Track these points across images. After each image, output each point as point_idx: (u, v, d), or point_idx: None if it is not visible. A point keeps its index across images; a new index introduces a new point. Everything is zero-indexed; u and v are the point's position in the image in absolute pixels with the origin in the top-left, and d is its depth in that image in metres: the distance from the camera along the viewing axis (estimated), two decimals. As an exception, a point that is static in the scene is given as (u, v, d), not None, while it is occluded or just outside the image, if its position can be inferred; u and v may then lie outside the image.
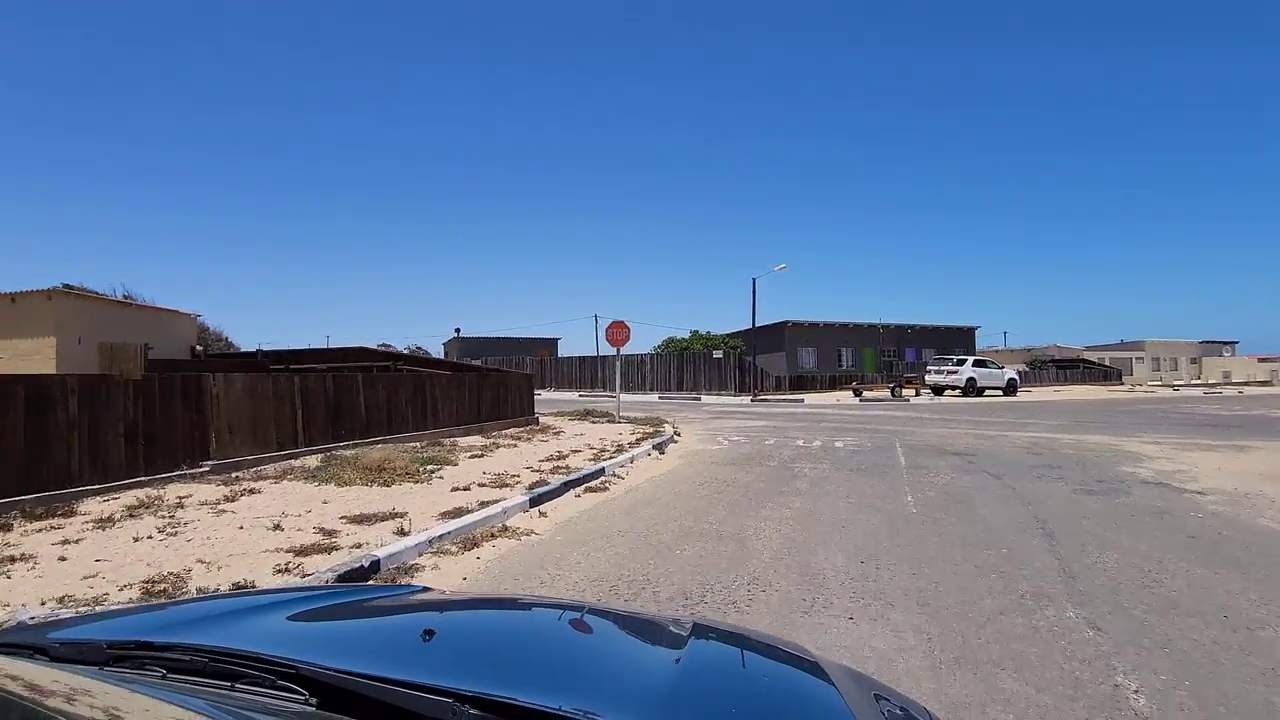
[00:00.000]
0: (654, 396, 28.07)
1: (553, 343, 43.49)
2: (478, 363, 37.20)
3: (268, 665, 0.90)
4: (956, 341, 43.31)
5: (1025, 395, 29.40)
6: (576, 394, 30.30)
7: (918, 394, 28.06)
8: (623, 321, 15.18)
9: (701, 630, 1.21)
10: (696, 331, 37.65)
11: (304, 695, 0.85)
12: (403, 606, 1.43)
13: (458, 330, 45.06)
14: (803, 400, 25.31)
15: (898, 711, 1.01)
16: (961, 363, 28.61)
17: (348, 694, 0.84)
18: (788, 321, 37.22)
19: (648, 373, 30.52)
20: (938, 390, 29.15)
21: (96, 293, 18.00)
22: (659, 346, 37.43)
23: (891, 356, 41.57)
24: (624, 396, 25.61)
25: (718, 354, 28.71)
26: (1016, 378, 30.38)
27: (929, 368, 29.40)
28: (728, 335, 39.00)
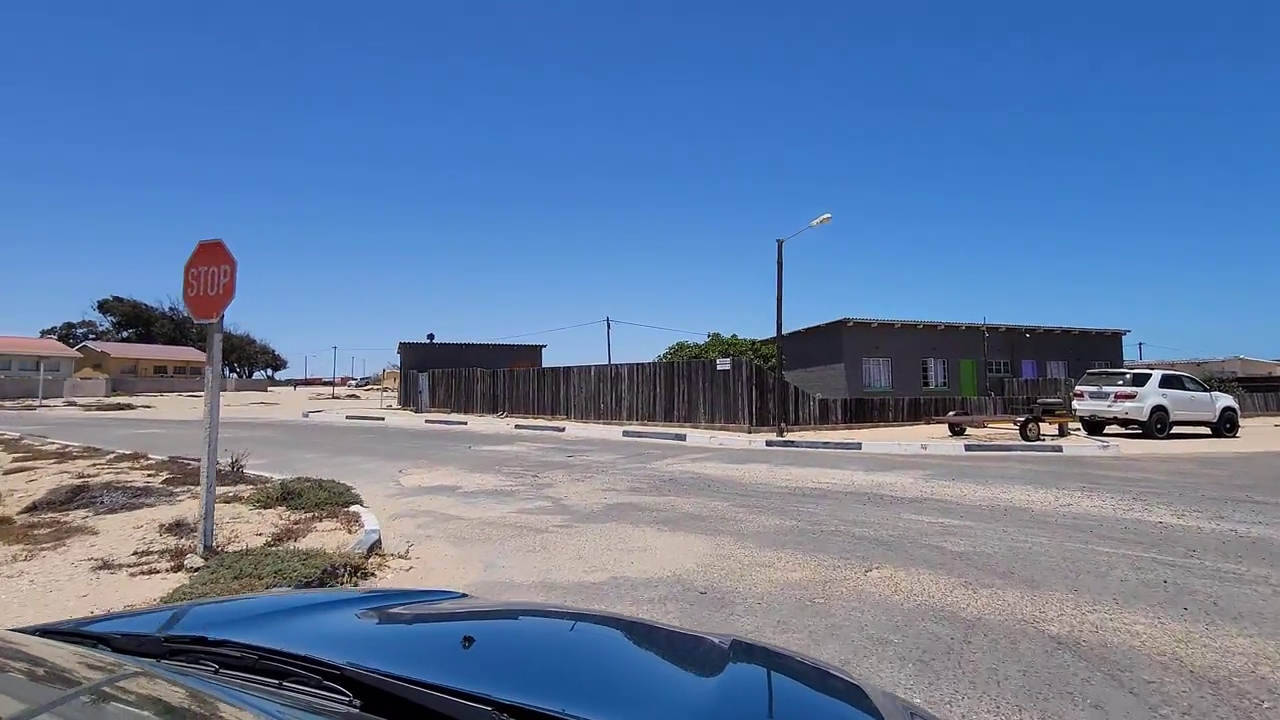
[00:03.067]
0: (617, 431, 17.69)
1: (536, 351, 34.02)
2: (419, 372, 27.87)
3: (315, 666, 0.94)
4: (1095, 352, 30.68)
5: (1255, 435, 17.29)
6: (511, 424, 20.35)
7: (1063, 433, 16.49)
8: (219, 244, 5.10)
9: (741, 649, 1.22)
10: (717, 335, 27.06)
11: (348, 696, 0.89)
12: (444, 613, 1.46)
13: (430, 336, 36.18)
14: (860, 446, 14.27)
15: None
16: (1140, 381, 16.81)
17: (390, 697, 0.87)
18: (847, 320, 26.04)
19: (625, 392, 20.26)
20: (1094, 427, 17.49)
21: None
22: (667, 353, 27.02)
23: (1001, 371, 29.45)
24: (574, 429, 18.44)
25: (723, 364, 18.08)
26: (1235, 407, 18.15)
27: (1080, 389, 17.72)
28: (762, 341, 28.09)
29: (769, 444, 14.75)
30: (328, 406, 34.42)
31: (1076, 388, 18.07)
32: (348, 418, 23.75)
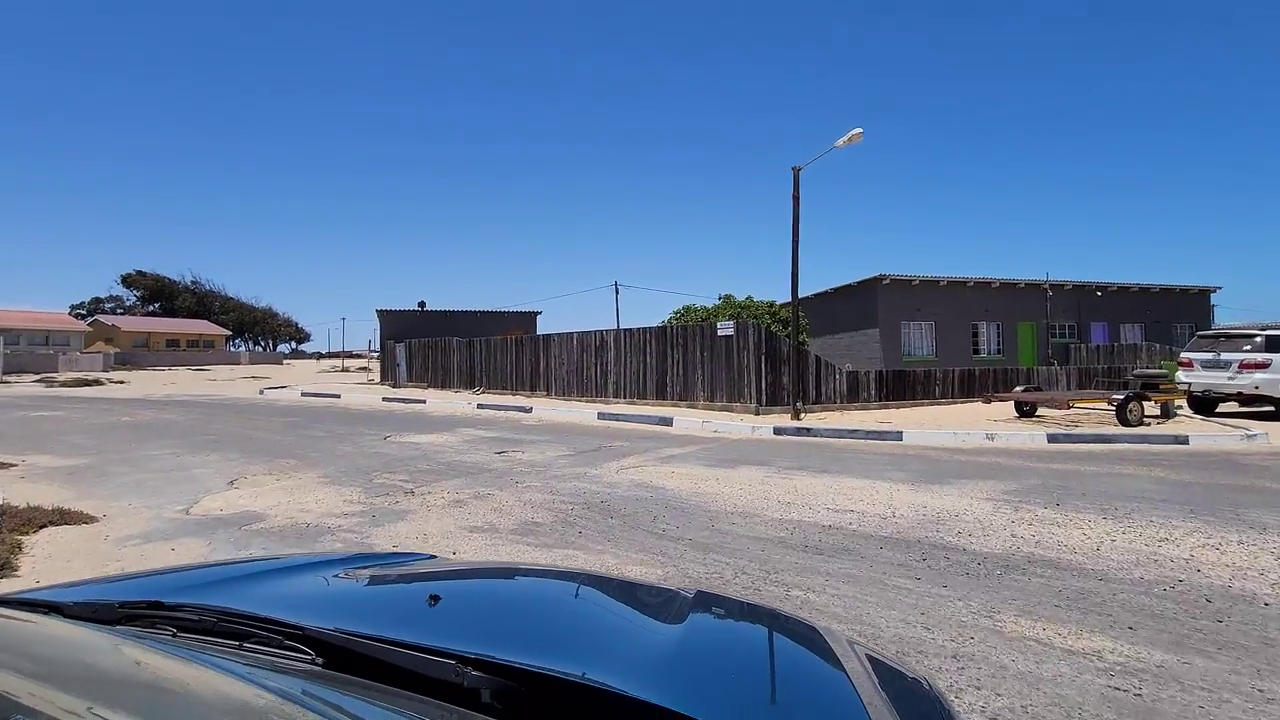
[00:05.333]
0: (593, 413, 14.32)
1: (530, 318, 30.73)
2: (397, 342, 24.94)
3: (276, 626, 0.93)
4: (1178, 312, 26.15)
5: None
6: (475, 404, 17.21)
7: (1166, 413, 12.51)
8: None
9: (703, 599, 1.23)
10: (729, 297, 23.35)
11: (310, 655, 0.87)
12: (410, 574, 1.43)
13: (422, 304, 33.21)
14: (900, 436, 10.64)
15: (893, 675, 1.01)
16: (1275, 346, 12.75)
17: (354, 655, 0.86)
18: (882, 277, 22.06)
19: (610, 365, 16.84)
20: (1203, 405, 13.56)
21: None
22: (672, 318, 23.50)
23: (1066, 336, 25.21)
24: (543, 410, 15.21)
25: (724, 328, 14.47)
26: (1398, 378, 13.93)
27: (1188, 357, 13.69)
28: (782, 305, 24.33)
29: (778, 431, 11.22)
30: (322, 380, 31.87)
31: (1183, 354, 14.02)
32: (302, 394, 20.90)
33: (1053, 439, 9.98)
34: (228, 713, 0.70)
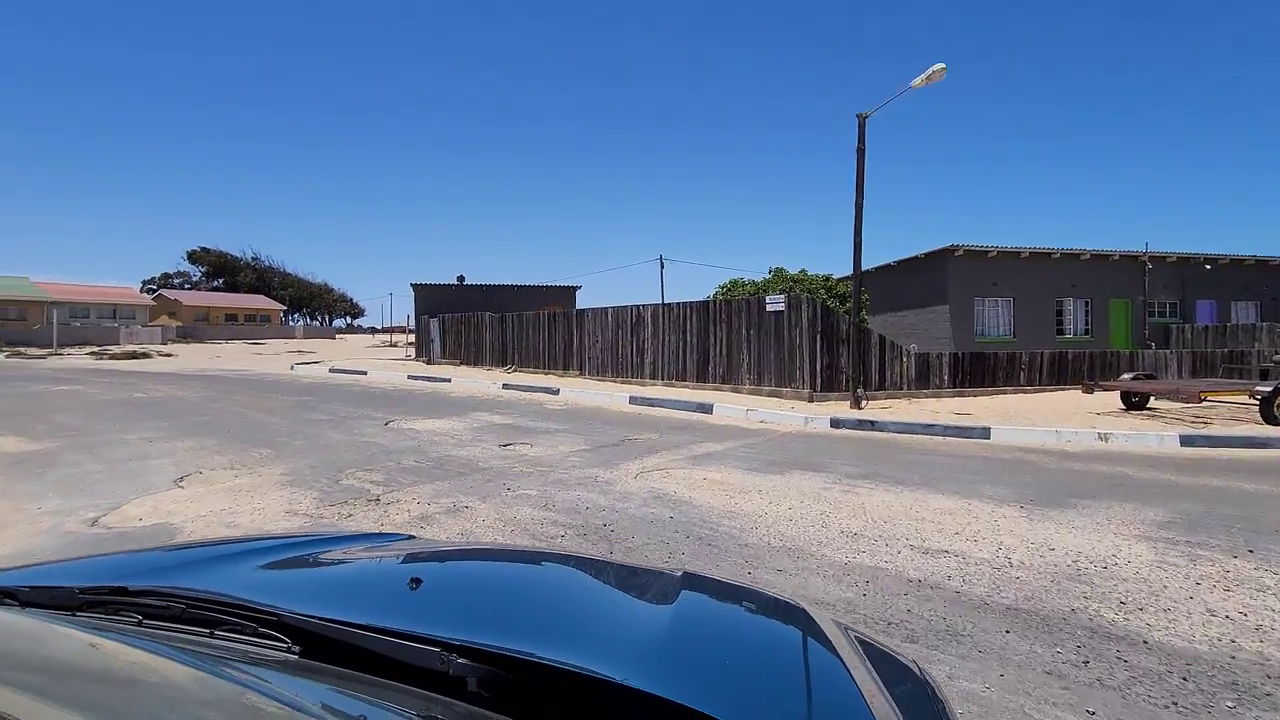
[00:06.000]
0: (624, 396, 12.86)
1: (570, 293, 29.32)
2: (431, 317, 24.11)
3: (248, 612, 0.88)
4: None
5: None
6: (500, 384, 16.01)
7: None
8: None
9: (691, 581, 1.19)
10: (780, 270, 21.44)
11: (286, 643, 0.83)
12: (388, 555, 1.37)
13: (460, 278, 32.33)
14: (988, 433, 8.80)
15: (883, 658, 0.99)
16: None
17: (332, 642, 0.82)
18: (954, 248, 19.72)
19: (647, 343, 15.32)
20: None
21: None
22: (718, 292, 21.77)
23: (1167, 315, 22.35)
24: (570, 392, 13.61)
25: (774, 302, 12.73)
26: None
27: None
28: (840, 279, 22.25)
29: (836, 424, 9.53)
30: (364, 356, 31.53)
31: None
32: (330, 370, 20.17)
33: (1187, 441, 8.00)
34: (199, 707, 0.66)
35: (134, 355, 28.93)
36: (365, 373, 18.90)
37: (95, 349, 34.25)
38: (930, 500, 5.41)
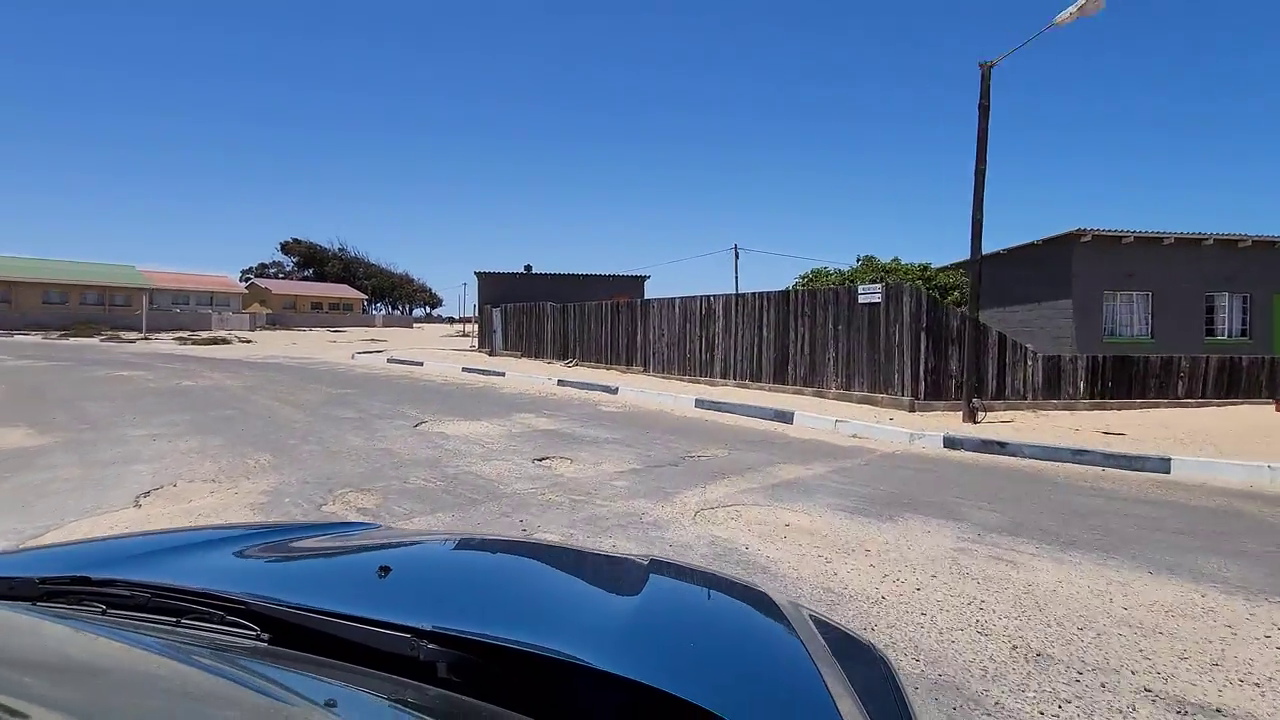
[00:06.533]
0: (690, 399, 11.29)
1: (638, 283, 27.87)
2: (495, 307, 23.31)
3: (216, 601, 0.87)
4: None
5: None
6: (556, 379, 14.78)
7: None
8: None
9: (658, 567, 1.20)
10: (870, 259, 19.23)
11: (255, 631, 0.83)
12: (358, 544, 1.35)
13: (528, 267, 31.63)
14: (1168, 465, 6.69)
15: (841, 638, 1.01)
16: None
17: (302, 630, 0.81)
18: (1080, 233, 16.94)
19: (718, 337, 13.67)
20: None
21: None
22: (799, 281, 19.80)
23: (1346, 315, 18.64)
24: (629, 392, 12.29)
25: (868, 293, 10.82)
26: None
27: None
28: (941, 268, 19.82)
29: (952, 443, 7.65)
30: (435, 344, 31.39)
31: None
32: (388, 360, 19.58)
33: None
34: (165, 696, 0.65)
35: (215, 341, 29.74)
36: (421, 364, 18.15)
37: (185, 334, 35.72)
38: (1133, 583, 3.61)
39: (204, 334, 35.96)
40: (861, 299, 10.91)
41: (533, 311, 20.83)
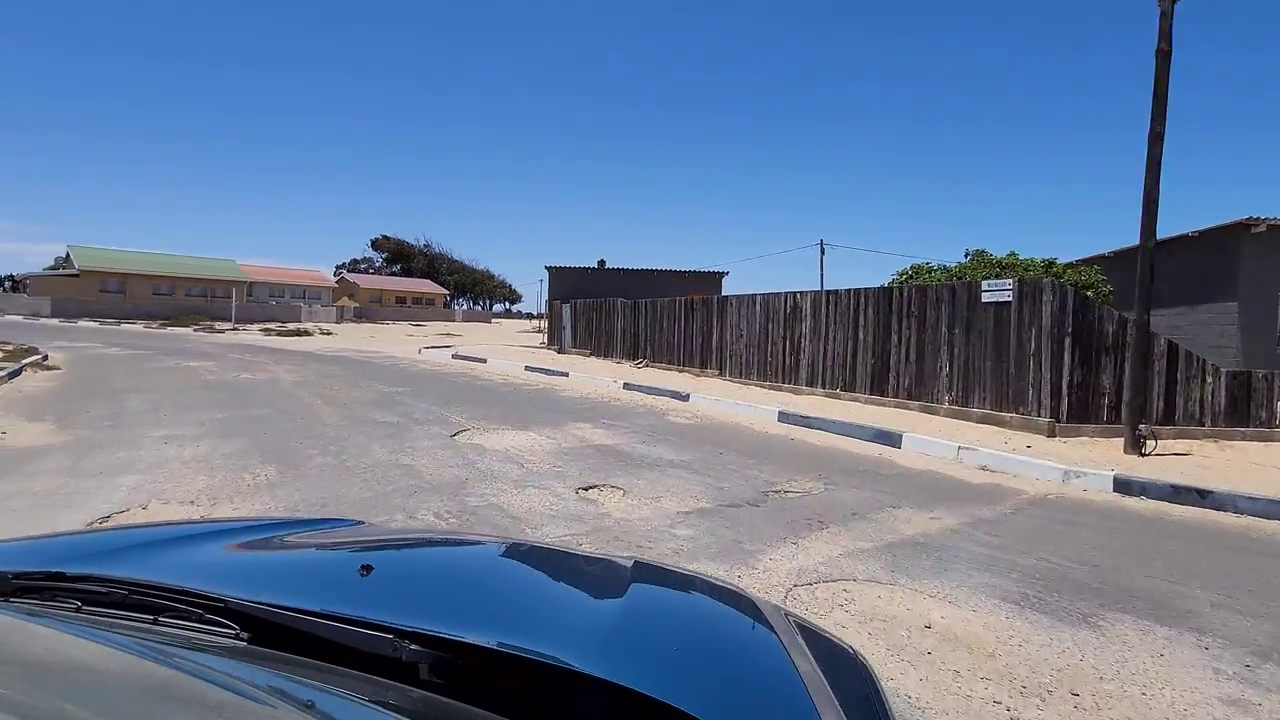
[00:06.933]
0: (773, 411, 9.74)
1: (714, 279, 26.17)
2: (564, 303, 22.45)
3: (194, 598, 0.85)
4: None
5: None
6: (621, 382, 13.53)
7: None
8: None
9: (641, 569, 1.19)
10: (981, 253, 16.92)
11: (234, 630, 0.81)
12: (338, 541, 1.33)
13: (601, 262, 30.69)
14: None
15: (821, 642, 1.01)
16: None
17: (282, 629, 0.80)
18: (1250, 222, 14.04)
19: (804, 339, 12.03)
20: None
21: None
22: (900, 276, 17.77)
23: None
24: (701, 399, 10.86)
25: (995, 289, 8.94)
26: None
27: None
28: (1072, 264, 17.24)
29: (1125, 487, 5.79)
30: (508, 341, 31.16)
31: None
32: (453, 356, 18.95)
33: None
34: (141, 696, 0.64)
35: (297, 333, 30.44)
36: (484, 360, 17.37)
37: (273, 326, 37.01)
38: None
39: (291, 325, 37.17)
40: (986, 297, 9.03)
41: (602, 308, 19.72)
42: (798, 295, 12.43)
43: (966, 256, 17.07)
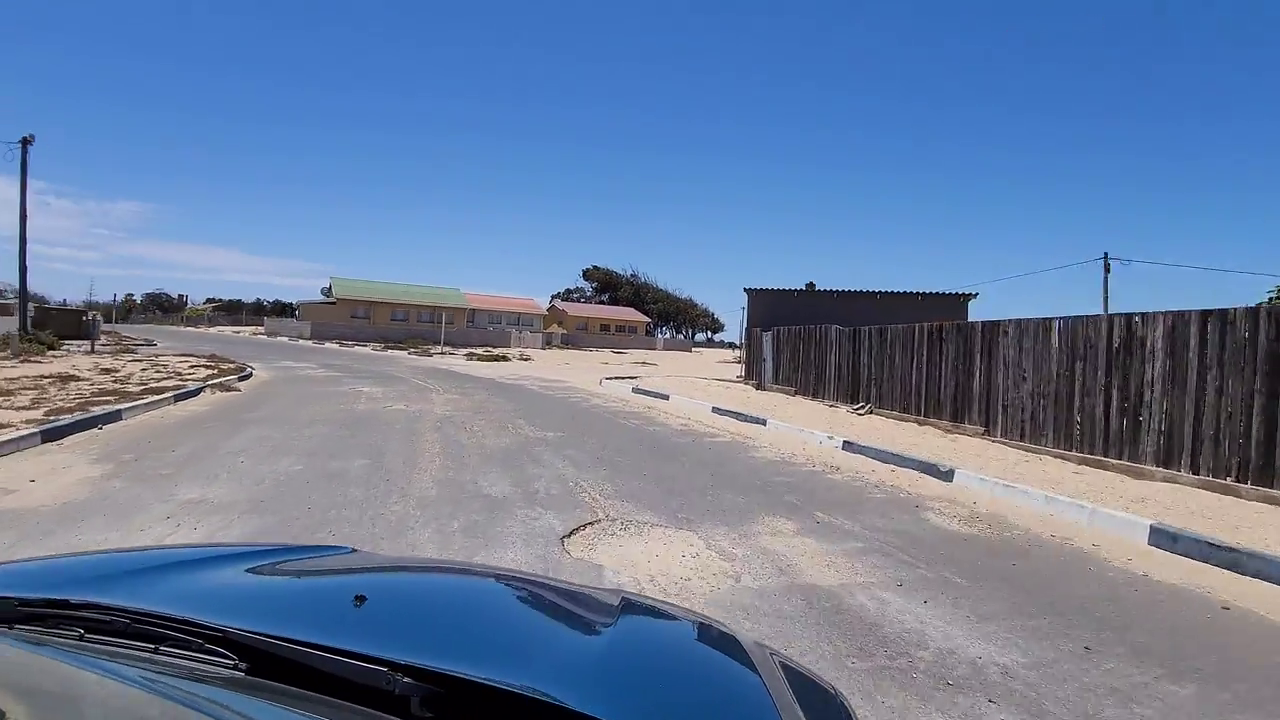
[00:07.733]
0: (1118, 516, 5.45)
1: (958, 301, 20.73)
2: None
3: (195, 628, 0.86)
4: None
5: None
6: (839, 441, 9.77)
7: None
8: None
9: (629, 605, 1.21)
10: None
11: (233, 660, 0.83)
12: (334, 570, 1.37)
13: (810, 284, 27.00)
14: None
15: (804, 683, 1.02)
16: None
17: (280, 660, 0.81)
18: None
19: (1148, 386, 7.42)
20: None
21: None
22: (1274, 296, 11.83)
23: None
24: (974, 478, 7.52)
25: None
26: None
27: None
28: None
29: None
30: (696, 373, 28.73)
31: None
32: (633, 390, 16.53)
33: None
34: None
35: (496, 358, 30.81)
36: (667, 397, 14.65)
37: (479, 350, 38.55)
38: None
39: (496, 350, 38.43)
40: None
41: (811, 337, 16.06)
42: (1133, 320, 7.85)
43: None
